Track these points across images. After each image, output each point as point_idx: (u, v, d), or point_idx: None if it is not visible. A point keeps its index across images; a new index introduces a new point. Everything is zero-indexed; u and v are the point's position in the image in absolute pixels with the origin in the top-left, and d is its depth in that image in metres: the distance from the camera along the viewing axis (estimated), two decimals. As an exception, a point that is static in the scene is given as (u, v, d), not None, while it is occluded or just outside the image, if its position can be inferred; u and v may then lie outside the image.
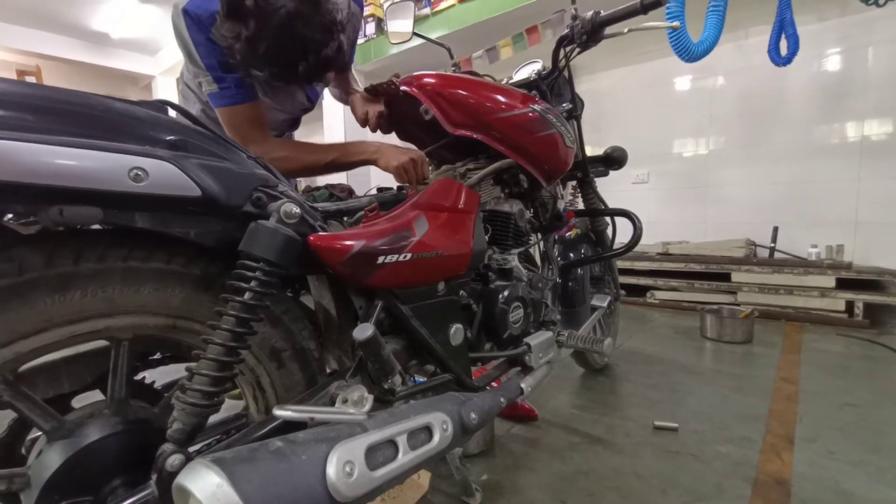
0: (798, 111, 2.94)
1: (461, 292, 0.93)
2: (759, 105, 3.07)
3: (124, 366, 0.60)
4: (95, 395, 0.65)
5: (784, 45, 2.41)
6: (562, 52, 1.27)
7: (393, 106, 1.07)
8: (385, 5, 3.73)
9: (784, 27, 2.34)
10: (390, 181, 1.04)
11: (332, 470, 0.51)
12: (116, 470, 0.57)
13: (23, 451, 0.64)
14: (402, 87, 1.00)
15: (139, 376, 0.71)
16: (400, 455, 0.60)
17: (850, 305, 2.48)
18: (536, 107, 1.05)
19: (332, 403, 0.66)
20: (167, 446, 0.53)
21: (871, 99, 2.71)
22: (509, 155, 1.05)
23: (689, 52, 2.17)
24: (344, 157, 1.03)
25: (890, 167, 2.68)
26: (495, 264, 1.08)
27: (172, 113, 0.62)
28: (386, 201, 0.92)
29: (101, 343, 0.64)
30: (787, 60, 2.42)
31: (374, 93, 1.07)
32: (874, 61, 2.69)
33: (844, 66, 2.79)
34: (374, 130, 1.12)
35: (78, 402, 0.65)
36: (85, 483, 0.54)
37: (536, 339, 1.10)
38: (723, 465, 1.19)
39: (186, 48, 0.97)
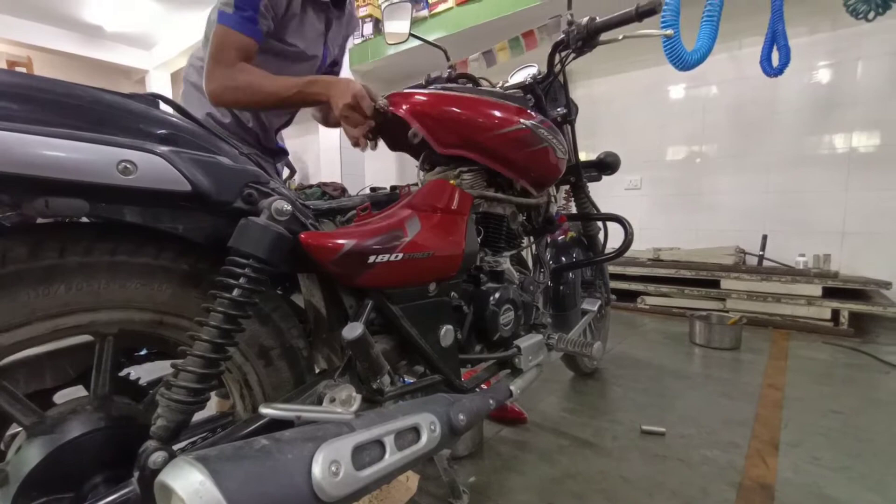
0: (789, 122, 2.99)
1: (452, 293, 0.93)
2: (751, 115, 3.12)
3: (108, 361, 0.59)
4: (79, 392, 0.64)
5: (776, 56, 2.45)
6: (557, 57, 1.28)
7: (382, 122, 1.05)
8: (382, 6, 3.73)
9: (776, 39, 2.38)
10: (383, 181, 1.04)
11: (317, 469, 0.50)
12: (98, 467, 0.56)
13: (1, 446, 0.63)
14: (391, 110, 0.97)
15: (124, 372, 0.70)
16: (387, 455, 0.59)
17: (835, 314, 2.51)
18: (527, 121, 1.04)
19: (320, 403, 0.65)
20: (150, 443, 0.52)
21: (860, 111, 2.76)
22: (499, 170, 1.04)
23: (683, 61, 2.19)
24: (301, 96, 1.00)
25: (877, 179, 2.73)
26: (487, 266, 1.08)
27: (165, 107, 0.61)
28: (378, 201, 0.92)
29: (86, 338, 0.64)
30: (779, 71, 2.46)
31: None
32: (863, 74, 2.74)
33: (834, 79, 2.84)
34: (363, 149, 1.09)
35: (60, 398, 0.64)
36: (65, 480, 0.54)
37: (526, 341, 1.10)
38: (709, 469, 1.20)
39: None
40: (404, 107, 0.96)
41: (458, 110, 0.97)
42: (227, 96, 1.00)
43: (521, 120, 1.03)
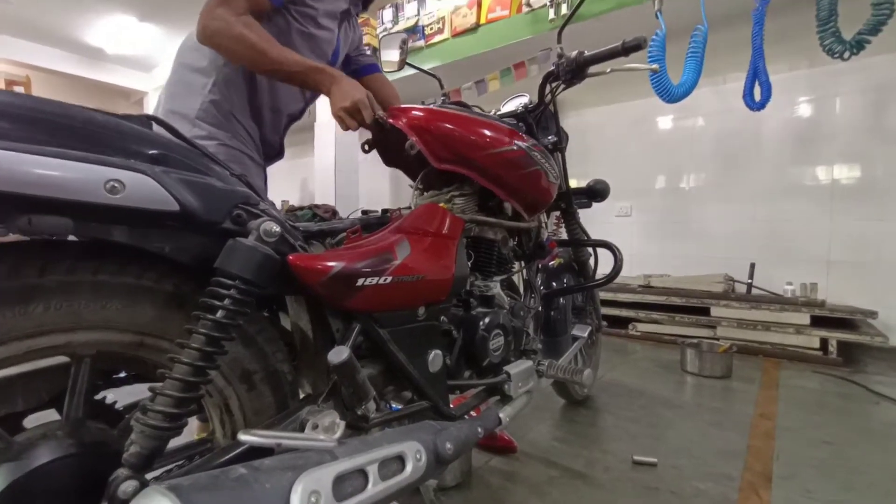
0: (773, 153, 3.08)
1: (441, 318, 0.92)
2: (736, 146, 3.21)
3: (84, 384, 0.57)
4: (52, 415, 0.62)
5: (758, 91, 2.54)
6: (548, 88, 1.32)
7: (380, 134, 1.07)
8: (380, 35, 3.84)
9: (757, 75, 2.48)
10: (378, 203, 1.04)
11: (296, 500, 0.48)
12: (65, 496, 0.53)
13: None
14: (390, 121, 0.98)
15: (100, 395, 0.67)
16: (370, 485, 0.57)
17: (824, 343, 2.52)
18: (522, 143, 1.06)
19: (303, 429, 0.63)
20: (121, 471, 0.50)
21: (840, 145, 2.86)
22: (493, 189, 1.06)
23: (670, 94, 2.27)
24: (302, 76, 0.96)
25: (859, 209, 2.80)
26: (477, 291, 1.08)
27: (158, 128, 0.62)
28: (369, 224, 0.92)
29: (62, 359, 0.62)
30: (761, 106, 2.55)
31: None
32: (841, 110, 2.86)
33: (814, 114, 2.95)
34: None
35: (31, 421, 0.62)
36: (29, 510, 0.51)
37: (516, 367, 1.09)
38: (702, 502, 1.18)
39: None
40: (403, 119, 0.98)
41: (455, 127, 0.99)
42: (218, 41, 0.93)
43: (516, 142, 1.05)
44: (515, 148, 1.05)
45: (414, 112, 0.99)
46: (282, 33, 1.06)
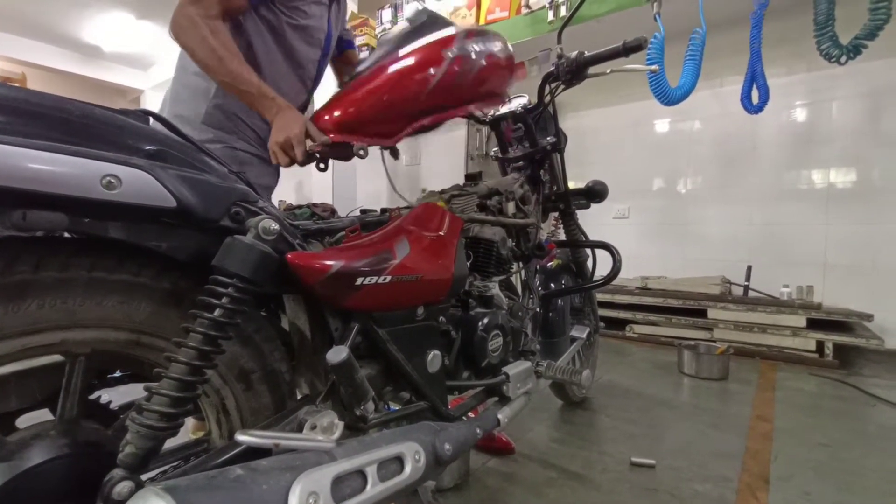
0: (770, 156, 3.09)
1: (440, 318, 0.91)
2: (734, 149, 3.22)
3: (79, 383, 0.56)
4: (45, 415, 0.61)
5: (756, 94, 2.55)
6: (547, 89, 1.32)
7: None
8: (379, 36, 3.84)
9: (755, 78, 2.48)
10: (375, 203, 1.03)
11: (294, 501, 0.48)
12: (59, 497, 0.52)
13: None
14: (322, 145, 0.88)
15: (94, 395, 0.66)
16: (368, 486, 0.57)
17: (820, 345, 2.53)
18: (453, 48, 0.91)
19: (301, 429, 0.63)
20: (116, 472, 0.49)
21: (836, 149, 2.87)
22: (455, 115, 0.95)
23: (667, 96, 2.27)
24: (250, 98, 0.93)
25: (855, 213, 2.81)
26: (476, 291, 1.07)
27: (155, 124, 0.61)
28: (368, 223, 0.91)
29: (56, 358, 0.61)
30: (759, 109, 2.56)
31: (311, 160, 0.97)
32: (838, 114, 2.87)
33: (811, 118, 2.96)
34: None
35: (24, 421, 0.61)
36: (21, 511, 0.50)
37: (515, 368, 1.08)
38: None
39: None
40: (331, 126, 0.89)
41: (382, 97, 0.87)
42: (183, 40, 0.91)
43: (446, 52, 0.90)
44: (450, 58, 0.90)
45: (335, 112, 0.89)
46: (274, 30, 1.05)
